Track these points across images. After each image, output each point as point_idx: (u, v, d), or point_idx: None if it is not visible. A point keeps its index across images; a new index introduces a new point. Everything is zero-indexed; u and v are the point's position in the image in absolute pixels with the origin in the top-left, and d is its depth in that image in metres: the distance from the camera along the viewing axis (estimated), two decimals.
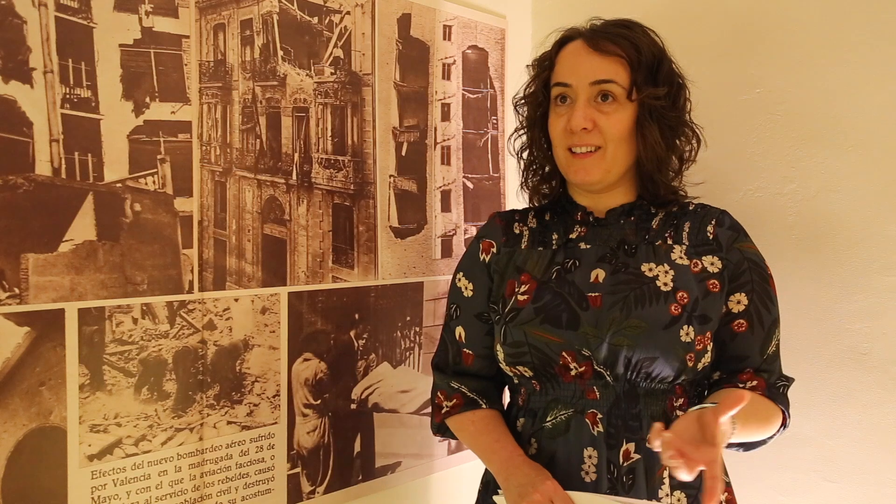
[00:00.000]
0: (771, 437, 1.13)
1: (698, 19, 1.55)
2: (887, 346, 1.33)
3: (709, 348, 1.10)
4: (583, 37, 1.14)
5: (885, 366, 1.34)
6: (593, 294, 1.10)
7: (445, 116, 1.63)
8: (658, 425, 0.90)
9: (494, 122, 1.75)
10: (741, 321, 1.12)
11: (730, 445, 1.13)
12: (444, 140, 1.63)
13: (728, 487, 1.15)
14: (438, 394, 1.25)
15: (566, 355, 1.09)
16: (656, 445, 0.89)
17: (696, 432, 0.90)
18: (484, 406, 1.20)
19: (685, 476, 0.87)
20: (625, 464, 1.07)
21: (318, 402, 1.40)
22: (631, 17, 1.16)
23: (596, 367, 1.08)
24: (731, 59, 1.50)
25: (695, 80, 1.21)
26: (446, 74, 1.63)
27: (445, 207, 1.64)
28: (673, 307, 1.07)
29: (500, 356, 1.15)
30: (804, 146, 1.42)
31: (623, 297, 1.09)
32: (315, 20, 1.38)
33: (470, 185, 1.70)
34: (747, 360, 1.13)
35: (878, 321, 1.34)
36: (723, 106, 1.51)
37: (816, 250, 1.40)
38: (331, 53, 1.40)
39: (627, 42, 1.10)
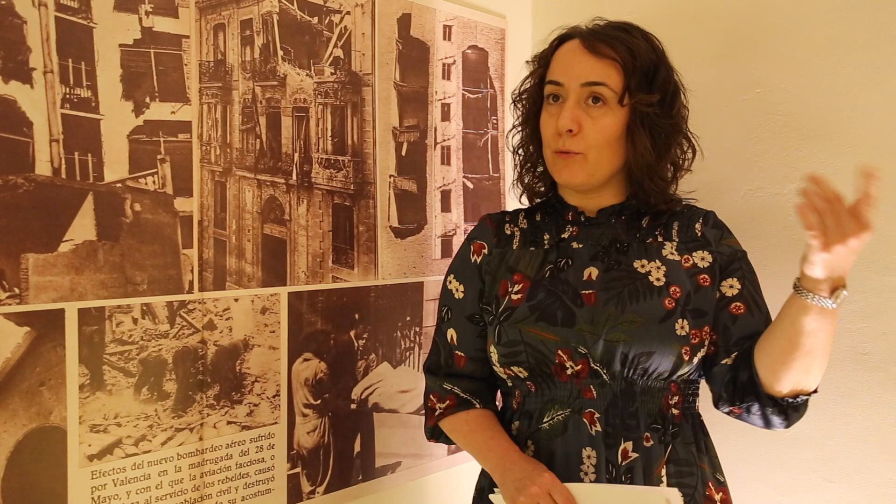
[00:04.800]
0: (808, 397, 1.07)
1: (699, 20, 1.55)
2: (887, 346, 1.33)
3: (706, 342, 1.10)
4: (580, 37, 1.13)
5: (885, 366, 1.33)
6: (587, 291, 1.11)
7: (445, 116, 1.63)
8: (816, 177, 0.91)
9: (494, 122, 1.75)
10: (738, 304, 1.12)
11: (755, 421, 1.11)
12: (444, 140, 1.63)
13: (723, 487, 1.14)
14: (431, 396, 1.23)
15: (562, 353, 1.09)
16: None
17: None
18: (478, 406, 1.19)
19: (819, 254, 0.90)
20: (623, 463, 1.07)
21: (318, 402, 1.40)
22: (631, 17, 1.16)
23: (592, 365, 1.08)
24: (731, 59, 1.50)
25: (695, 80, 1.21)
26: (446, 74, 1.63)
27: (445, 207, 1.64)
28: (667, 301, 1.09)
29: (494, 357, 1.15)
30: (804, 146, 1.42)
31: (617, 292, 1.10)
32: (315, 20, 1.38)
33: (470, 185, 1.69)
34: (757, 335, 1.09)
35: (878, 321, 1.34)
36: (723, 106, 1.51)
37: None
38: (331, 53, 1.40)
39: (624, 46, 1.09)
